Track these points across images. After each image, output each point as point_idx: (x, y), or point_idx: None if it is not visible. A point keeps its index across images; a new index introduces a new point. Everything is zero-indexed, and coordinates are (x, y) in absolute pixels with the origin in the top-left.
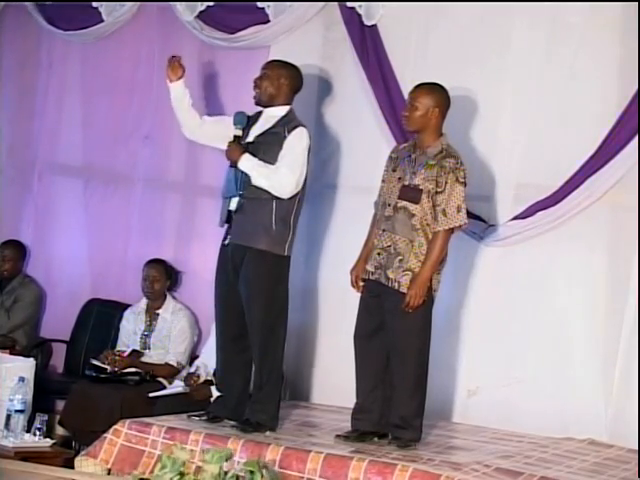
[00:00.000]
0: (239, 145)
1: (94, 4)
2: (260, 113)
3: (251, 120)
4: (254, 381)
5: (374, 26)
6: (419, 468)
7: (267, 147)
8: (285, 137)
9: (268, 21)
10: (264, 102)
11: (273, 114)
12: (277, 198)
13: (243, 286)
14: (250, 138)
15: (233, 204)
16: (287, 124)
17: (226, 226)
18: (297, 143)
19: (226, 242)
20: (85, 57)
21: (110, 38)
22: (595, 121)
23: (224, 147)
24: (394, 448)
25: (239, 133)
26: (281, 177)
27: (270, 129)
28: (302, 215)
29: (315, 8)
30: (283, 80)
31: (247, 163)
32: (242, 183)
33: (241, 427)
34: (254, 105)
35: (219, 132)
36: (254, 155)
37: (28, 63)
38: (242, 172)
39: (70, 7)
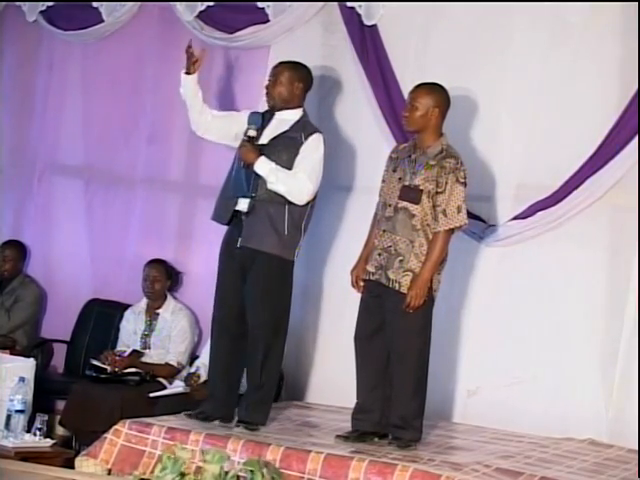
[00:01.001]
0: (255, 146)
1: (94, 4)
2: (271, 114)
3: (263, 121)
4: (253, 381)
5: (374, 26)
6: (419, 468)
7: (282, 151)
8: (302, 142)
9: (268, 21)
10: (278, 106)
11: (287, 117)
12: (290, 202)
13: (250, 288)
14: (264, 140)
15: (242, 205)
16: (304, 129)
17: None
18: (315, 150)
19: (238, 245)
20: (85, 57)
21: (110, 38)
22: (595, 121)
23: (231, 144)
24: (394, 448)
25: (253, 134)
26: (300, 183)
27: (285, 133)
28: None
29: (315, 8)
30: (297, 84)
31: (265, 166)
32: (254, 185)
33: (243, 426)
34: (253, 105)
35: (229, 129)
36: (267, 157)
37: (28, 63)
38: (255, 174)
39: (70, 7)
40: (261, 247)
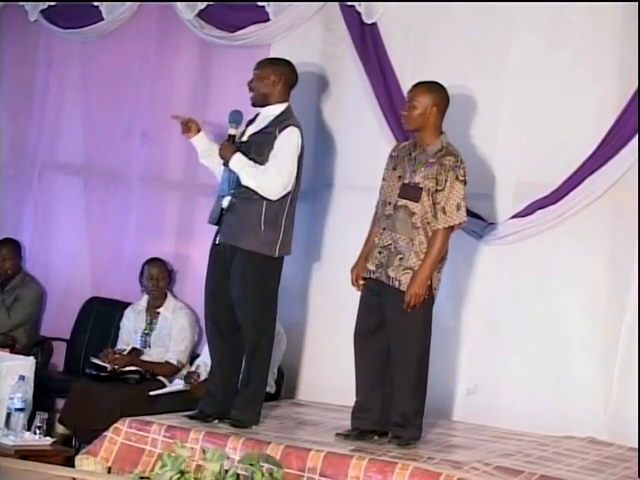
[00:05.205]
0: (232, 144)
1: (94, 2)
2: (258, 113)
3: (251, 120)
4: (242, 379)
5: (374, 24)
6: (419, 467)
7: (259, 147)
8: (276, 137)
9: (268, 20)
10: (259, 103)
11: (269, 113)
12: (267, 199)
13: (233, 285)
14: (245, 137)
15: (225, 203)
16: (280, 123)
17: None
18: (286, 143)
19: (217, 242)
20: (85, 55)
21: (110, 36)
22: (595, 120)
23: None
24: (394, 447)
25: (234, 132)
26: (269, 179)
27: (264, 129)
28: (301, 214)
29: (315, 6)
30: (273, 78)
31: (238, 163)
32: (234, 182)
33: (235, 424)
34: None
35: None
36: (246, 154)
37: (28, 62)
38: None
39: (70, 5)
40: (238, 243)
